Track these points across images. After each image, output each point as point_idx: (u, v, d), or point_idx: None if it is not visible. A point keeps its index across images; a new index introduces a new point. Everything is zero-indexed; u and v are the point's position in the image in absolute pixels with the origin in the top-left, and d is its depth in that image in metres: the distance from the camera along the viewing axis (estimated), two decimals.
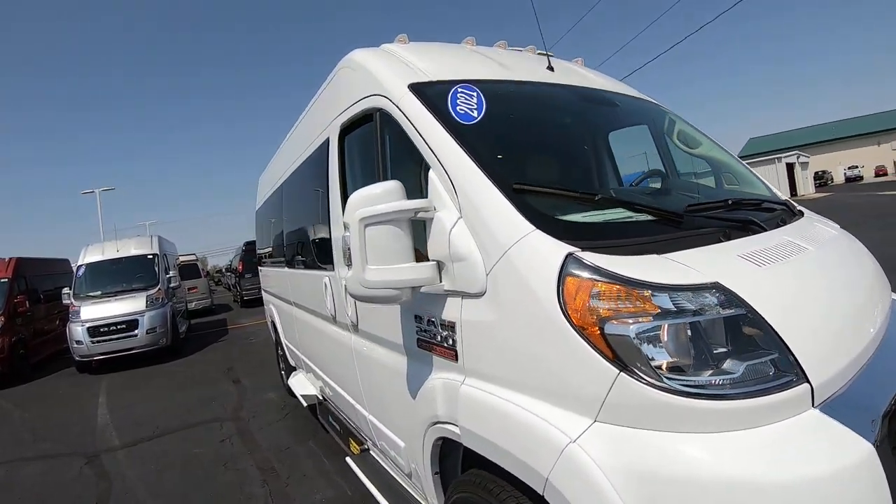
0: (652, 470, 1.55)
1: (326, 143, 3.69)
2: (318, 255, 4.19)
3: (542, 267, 1.83)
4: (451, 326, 2.26)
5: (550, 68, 3.37)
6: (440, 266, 2.25)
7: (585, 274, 1.76)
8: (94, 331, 11.99)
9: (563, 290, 1.75)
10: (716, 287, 1.71)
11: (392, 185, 2.23)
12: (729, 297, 1.69)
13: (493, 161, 2.28)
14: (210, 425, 7.07)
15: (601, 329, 1.67)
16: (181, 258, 20.77)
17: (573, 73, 3.59)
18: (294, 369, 7.11)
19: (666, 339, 1.64)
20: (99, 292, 12.87)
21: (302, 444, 5.97)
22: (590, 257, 1.80)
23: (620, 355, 1.64)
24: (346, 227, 2.29)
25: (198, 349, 13.86)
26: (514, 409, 1.90)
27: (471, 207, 2.12)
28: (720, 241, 2.07)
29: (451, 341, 2.28)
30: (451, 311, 2.26)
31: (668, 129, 3.50)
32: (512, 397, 1.94)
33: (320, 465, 5.31)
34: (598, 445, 1.63)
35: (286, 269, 5.95)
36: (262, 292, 9.15)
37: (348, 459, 4.02)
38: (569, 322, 1.71)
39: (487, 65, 3.16)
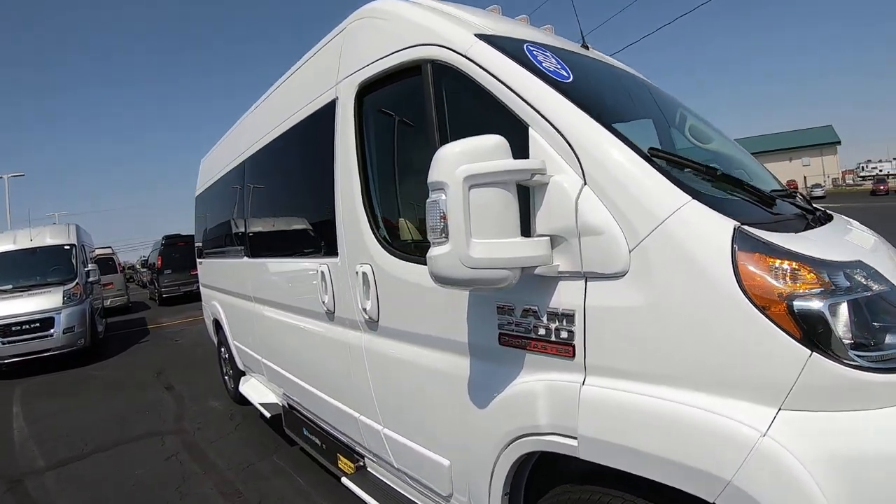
0: (853, 453, 1.43)
1: (330, 106, 3.24)
2: (312, 240, 3.79)
3: (711, 241, 1.62)
4: (566, 316, 1.90)
5: (585, 46, 3.23)
6: (553, 242, 1.91)
7: (760, 250, 1.60)
8: (4, 330, 10.76)
9: (737, 266, 1.56)
10: (860, 265, 1.65)
11: (498, 140, 1.86)
12: (876, 274, 1.64)
13: (610, 123, 1.95)
14: (150, 440, 6.32)
15: (788, 307, 1.51)
16: (97, 251, 19.27)
17: (599, 55, 3.39)
18: (242, 374, 6.56)
19: (847, 315, 1.52)
20: (9, 286, 11.57)
21: (264, 459, 5.37)
22: (755, 232, 1.64)
23: (810, 334, 1.49)
24: (434, 188, 1.87)
25: (119, 351, 12.75)
26: (674, 408, 1.63)
27: (602, 172, 1.81)
28: (811, 227, 1.99)
29: (565, 334, 1.91)
30: (568, 296, 1.90)
31: (679, 123, 3.20)
32: (665, 394, 1.66)
33: (294, 483, 4.75)
34: (792, 435, 1.46)
35: (246, 259, 5.40)
36: (202, 288, 8.41)
37: (345, 480, 3.52)
38: (750, 301, 1.53)
39: (531, 31, 2.87)
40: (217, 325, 7.46)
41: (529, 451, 2.08)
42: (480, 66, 2.21)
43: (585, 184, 1.84)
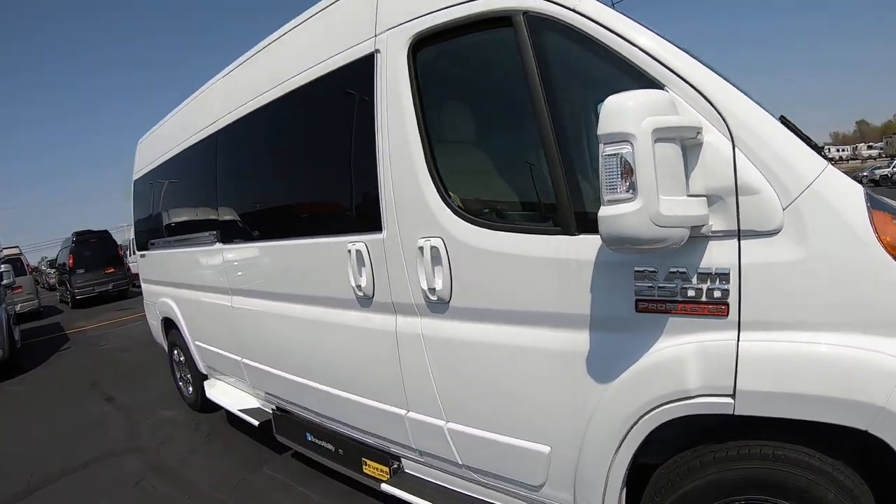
0: None
1: (365, 62, 2.89)
2: (336, 215, 3.41)
3: (852, 201, 1.80)
4: (720, 275, 1.91)
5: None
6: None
7: (885, 208, 1.83)
8: None
9: (873, 222, 1.75)
10: None
11: (669, 95, 1.90)
12: None
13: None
14: (105, 463, 5.50)
15: None
16: (4, 251, 17.45)
17: None
18: (204, 378, 5.94)
19: None
20: None
21: (255, 472, 4.73)
22: (873, 194, 1.90)
23: None
24: (614, 140, 1.76)
25: (41, 361, 11.44)
26: (828, 350, 1.77)
27: (750, 135, 1.86)
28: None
29: (718, 293, 1.92)
30: (722, 255, 1.91)
31: None
32: (818, 339, 1.80)
33: (302, 497, 4.18)
34: None
35: (218, 245, 4.73)
36: (144, 284, 7.50)
37: (387, 487, 3.26)
38: (886, 251, 1.73)
39: None
40: (168, 324, 6.68)
41: (667, 419, 2.04)
42: (597, 23, 2.09)
43: (734, 145, 1.86)
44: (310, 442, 4.06)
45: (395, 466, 3.30)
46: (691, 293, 1.96)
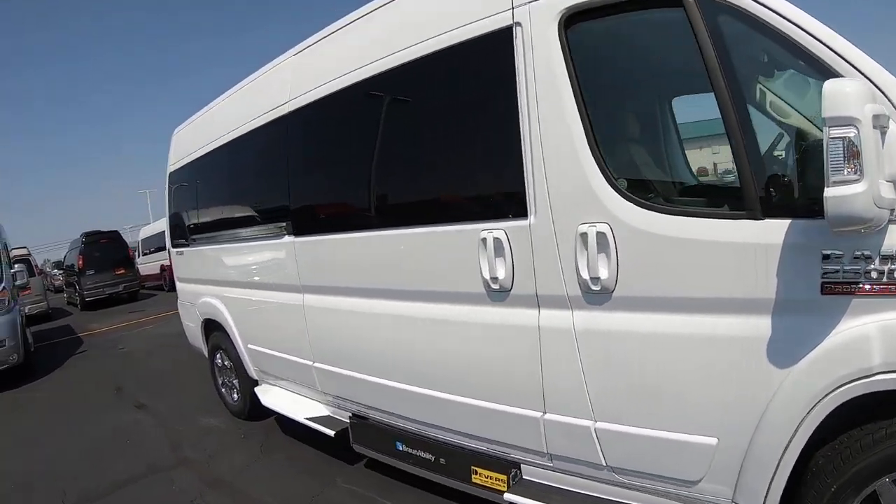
0: None
1: (501, 35, 2.69)
2: (466, 199, 3.15)
3: None
4: None
5: None
6: None
7: None
8: None
9: None
10: None
11: (869, 84, 1.89)
12: None
13: None
14: (151, 479, 4.89)
15: None
16: (13, 252, 16.85)
17: None
18: (255, 382, 5.44)
19: None
20: None
21: (329, 486, 4.22)
22: None
23: None
24: (840, 123, 1.75)
25: (56, 366, 10.79)
26: None
27: None
28: None
29: None
30: None
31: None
32: None
33: None
34: None
35: (286, 238, 4.35)
36: (181, 283, 6.92)
37: (511, 496, 2.98)
38: None
39: None
40: (209, 326, 6.16)
41: (846, 399, 2.03)
42: (771, 9, 2.11)
43: None
44: (401, 452, 3.72)
45: (514, 473, 3.07)
46: (874, 275, 1.97)
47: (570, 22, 2.51)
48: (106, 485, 4.84)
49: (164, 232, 21.99)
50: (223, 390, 6.42)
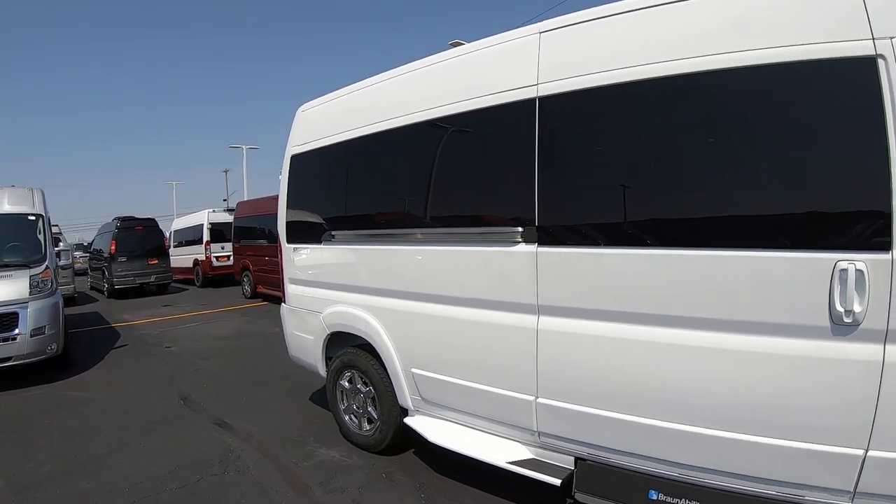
0: None
1: (864, 63, 2.64)
2: (821, 225, 2.82)
3: None
4: None
5: None
6: None
7: None
8: None
9: None
10: None
11: None
12: None
13: None
14: None
15: None
16: None
17: None
18: (404, 412, 4.64)
19: None
20: None
21: None
22: None
23: None
24: None
25: (96, 361, 9.32)
26: None
27: None
28: None
29: None
30: None
31: None
32: None
33: None
34: None
35: (519, 247, 3.65)
36: (295, 286, 5.67)
37: None
38: None
39: None
40: (335, 341, 5.20)
41: None
42: None
43: None
44: (654, 501, 3.36)
45: None
46: None
47: None
48: None
49: (200, 226, 21.00)
50: (347, 417, 5.15)
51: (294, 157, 5.57)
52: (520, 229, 3.59)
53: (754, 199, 3.01)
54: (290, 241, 5.64)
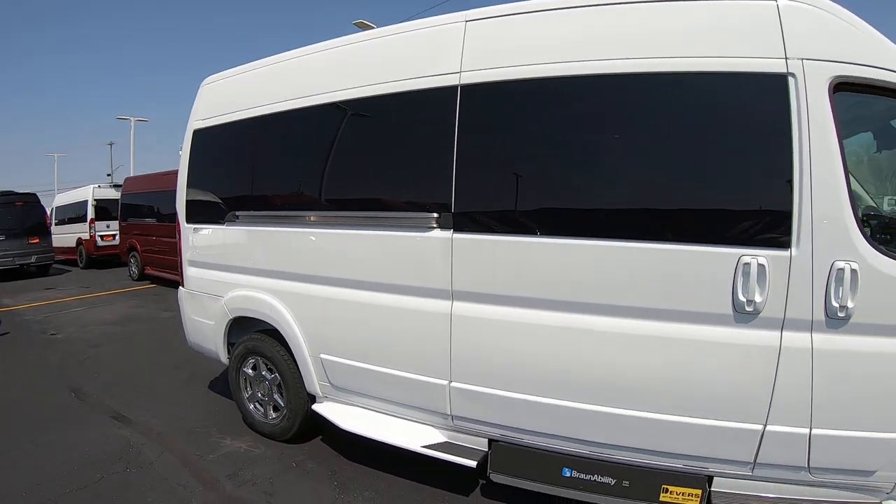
0: None
1: (775, 81, 2.97)
2: (730, 226, 3.10)
3: None
4: None
5: None
6: None
7: None
8: None
9: None
10: None
11: None
12: None
13: None
14: None
15: None
16: None
17: None
18: (311, 399, 4.67)
19: None
20: None
21: None
22: None
23: None
24: None
25: None
26: None
27: None
28: None
29: None
30: None
31: None
32: None
33: None
34: None
35: (434, 232, 3.71)
36: (196, 269, 5.46)
37: None
38: None
39: None
40: (237, 327, 5.11)
41: None
42: None
43: None
44: (568, 478, 3.57)
45: (706, 487, 3.31)
46: None
47: (837, 88, 2.90)
48: None
49: (84, 202, 19.73)
50: (252, 406, 5.15)
51: (196, 132, 5.33)
52: (435, 215, 3.65)
53: (666, 195, 3.22)
54: (189, 220, 5.42)
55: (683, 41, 3.13)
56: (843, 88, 2.91)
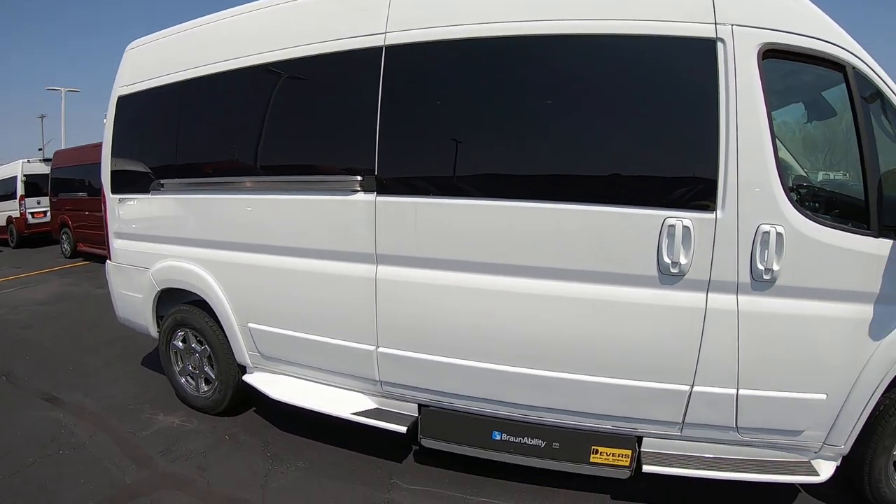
0: None
1: (704, 45, 3.00)
2: (656, 188, 3.17)
3: None
4: None
5: None
6: None
7: None
8: None
9: None
10: None
11: None
12: None
13: None
14: None
15: None
16: None
17: None
18: (241, 370, 4.68)
19: None
20: None
21: (390, 490, 3.80)
22: None
23: None
24: None
25: None
26: None
27: None
28: None
29: None
30: None
31: None
32: None
33: None
34: None
35: (358, 196, 3.67)
36: (122, 240, 5.34)
37: (650, 468, 3.32)
38: None
39: None
40: (166, 299, 5.02)
41: None
42: (879, 76, 3.00)
43: None
44: (498, 441, 3.63)
45: (636, 448, 3.40)
46: None
47: (765, 55, 2.94)
48: None
49: (13, 178, 18.83)
50: (183, 379, 5.17)
51: (121, 99, 5.15)
52: (359, 178, 3.62)
53: (590, 157, 3.27)
54: (115, 191, 5.27)
55: (614, 3, 3.12)
56: (772, 55, 2.94)
